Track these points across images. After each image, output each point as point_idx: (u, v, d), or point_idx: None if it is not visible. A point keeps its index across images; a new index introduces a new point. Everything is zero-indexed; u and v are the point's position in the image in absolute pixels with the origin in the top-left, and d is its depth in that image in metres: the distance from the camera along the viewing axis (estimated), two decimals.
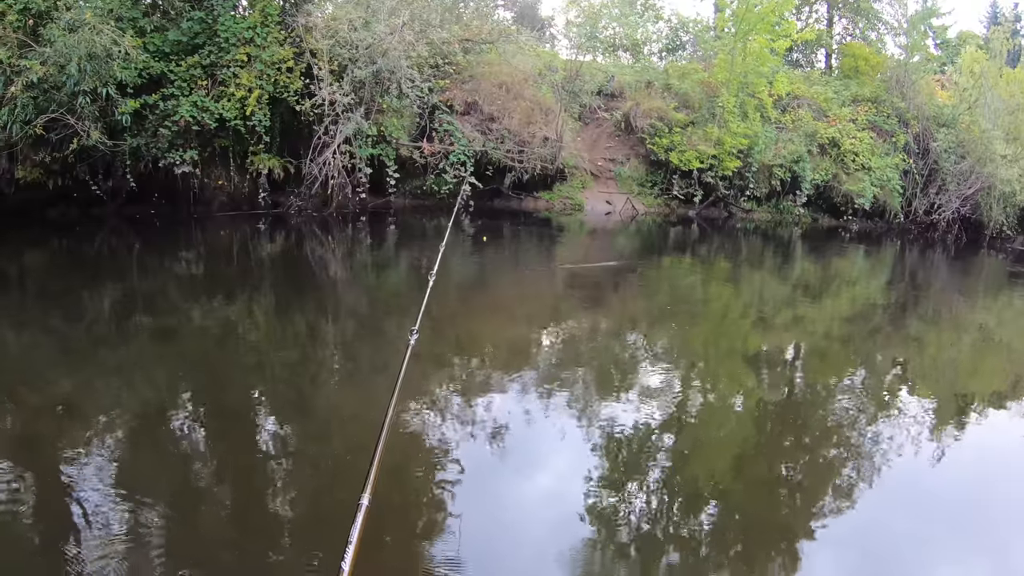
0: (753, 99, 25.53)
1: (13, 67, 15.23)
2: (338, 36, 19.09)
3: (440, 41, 21.68)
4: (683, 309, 13.75)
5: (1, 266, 13.72)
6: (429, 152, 20.95)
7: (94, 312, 11.27)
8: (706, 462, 7.20)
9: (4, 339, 9.82)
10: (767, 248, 22.20)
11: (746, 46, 25.10)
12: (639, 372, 9.85)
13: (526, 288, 14.76)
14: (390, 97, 19.76)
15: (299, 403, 8.03)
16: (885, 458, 7.36)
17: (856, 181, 25.40)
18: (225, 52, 17.95)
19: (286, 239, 18.34)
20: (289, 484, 6.23)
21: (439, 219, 20.97)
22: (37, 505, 5.63)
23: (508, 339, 11.03)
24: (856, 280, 18.24)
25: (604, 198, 24.93)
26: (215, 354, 9.62)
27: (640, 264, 17.85)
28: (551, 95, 24.02)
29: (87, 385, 8.35)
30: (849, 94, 28.25)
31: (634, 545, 5.60)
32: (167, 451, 6.71)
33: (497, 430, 7.39)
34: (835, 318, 13.74)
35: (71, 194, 17.39)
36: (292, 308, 12.05)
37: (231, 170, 19.08)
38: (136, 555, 4.95)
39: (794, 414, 8.74)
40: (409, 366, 4.23)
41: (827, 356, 11.36)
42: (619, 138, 26.05)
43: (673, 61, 31.32)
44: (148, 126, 17.25)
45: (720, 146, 24.13)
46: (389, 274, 14.87)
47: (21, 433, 6.93)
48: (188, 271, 14.58)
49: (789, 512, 6.25)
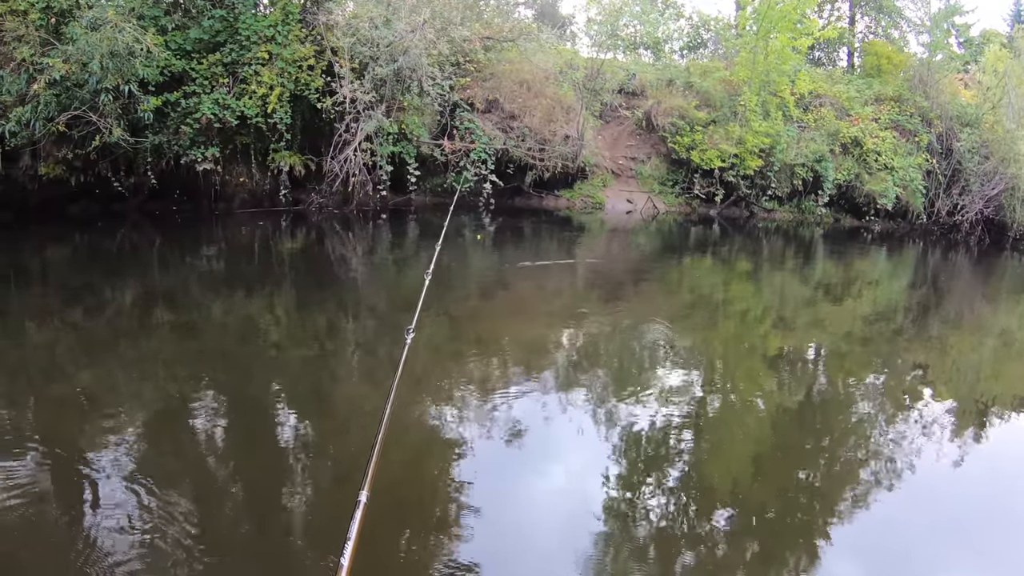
0: (775, 98, 25.39)
1: (36, 65, 15.33)
2: (359, 34, 19.08)
3: (461, 39, 21.67)
4: (703, 308, 13.69)
5: (24, 261, 13.81)
6: (450, 150, 20.94)
7: (115, 307, 11.31)
8: (724, 463, 7.13)
9: (26, 332, 9.85)
10: (788, 248, 22.02)
11: (768, 44, 24.93)
12: (657, 371, 9.78)
13: (543, 285, 14.71)
14: (411, 95, 19.75)
15: (318, 399, 8.02)
16: (905, 462, 7.26)
17: (878, 181, 25.17)
18: (246, 50, 18.01)
19: (307, 236, 18.37)
20: (306, 480, 6.24)
21: (460, 216, 20.97)
22: (56, 494, 5.66)
23: (526, 337, 10.98)
24: (878, 281, 18.08)
25: (625, 197, 24.84)
26: (235, 349, 9.61)
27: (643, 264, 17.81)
28: (572, 93, 23.93)
29: (107, 378, 8.35)
30: (872, 93, 27.95)
31: (650, 545, 5.54)
32: (185, 444, 6.72)
33: (513, 427, 7.35)
34: (856, 319, 13.60)
35: (93, 190, 17.54)
36: (312, 305, 12.04)
37: (252, 167, 19.12)
38: (152, 544, 4.97)
39: (813, 416, 8.66)
40: (422, 361, 4.14)
41: (848, 358, 11.23)
42: (640, 136, 25.94)
43: (694, 59, 31.22)
44: (170, 123, 17.34)
45: (742, 145, 23.98)
46: (408, 272, 14.84)
47: (42, 424, 6.93)
48: (209, 267, 14.63)
49: (807, 514, 6.16)
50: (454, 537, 5.42)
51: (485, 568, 5.07)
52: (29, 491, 5.63)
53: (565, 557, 5.28)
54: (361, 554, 4.96)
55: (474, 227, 19.63)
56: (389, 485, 6.07)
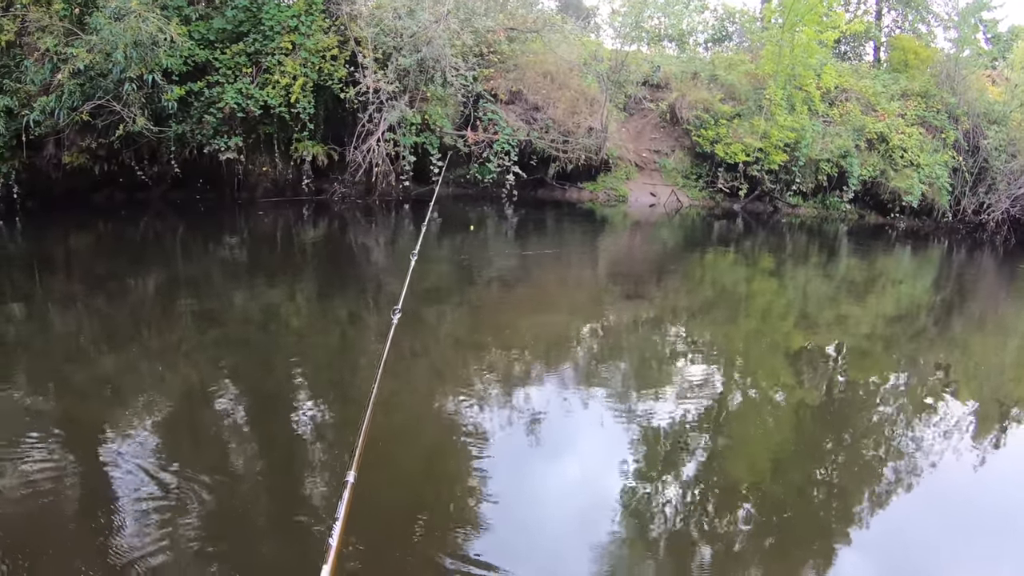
0: (800, 91, 25.12)
1: (60, 55, 15.40)
2: (382, 24, 19.05)
3: (485, 29, 21.62)
4: (725, 304, 13.58)
5: (48, 249, 13.90)
6: (473, 141, 20.84)
7: (138, 294, 11.32)
8: (742, 459, 7.06)
9: (51, 319, 9.91)
10: (812, 244, 21.81)
11: (794, 37, 24.69)
12: (677, 366, 9.72)
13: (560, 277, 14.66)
14: (434, 85, 19.67)
15: (338, 387, 8.00)
16: (924, 463, 7.15)
17: (904, 178, 24.82)
18: (270, 40, 18.00)
19: (329, 225, 18.39)
20: (323, 464, 6.27)
21: (482, 207, 20.95)
22: (79, 479, 5.71)
23: (546, 329, 10.94)
24: (901, 280, 17.85)
25: (648, 190, 24.68)
26: (256, 337, 9.62)
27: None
28: (596, 85, 23.74)
29: (130, 364, 8.37)
30: (898, 88, 27.52)
31: (666, 540, 5.52)
32: (206, 428, 6.77)
33: (531, 418, 7.34)
34: (879, 318, 13.43)
35: (117, 179, 17.65)
36: (334, 294, 12.03)
37: (275, 156, 19.13)
38: (171, 528, 5.00)
39: (833, 414, 8.55)
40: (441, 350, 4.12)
41: (869, 357, 11.08)
42: (664, 129, 25.75)
43: (719, 52, 30.93)
44: (193, 113, 17.35)
45: (766, 139, 23.73)
46: (430, 263, 14.81)
47: (66, 410, 6.96)
48: (231, 256, 14.67)
49: (824, 512, 6.09)
50: (470, 528, 5.42)
51: (502, 557, 5.03)
52: (51, 474, 5.69)
53: (580, 548, 5.28)
54: (377, 543, 4.97)
55: (471, 218, 19.49)
56: (406, 476, 6.09)
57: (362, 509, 5.27)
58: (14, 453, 5.97)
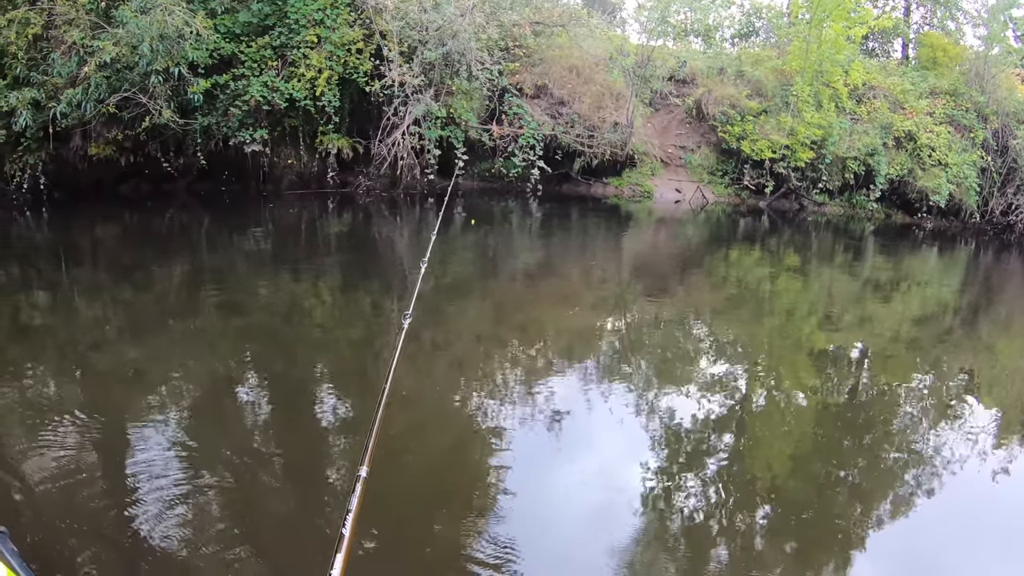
0: (828, 88, 24.89)
1: (86, 48, 15.48)
2: (408, 17, 19.04)
3: (510, 23, 21.61)
4: (749, 302, 13.48)
5: (75, 239, 14.02)
6: (498, 135, 20.82)
7: (163, 284, 11.38)
8: (762, 458, 6.99)
9: (77, 308, 9.98)
10: (838, 243, 21.57)
11: (821, 33, 24.48)
12: (700, 363, 9.66)
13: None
14: (460, 79, 19.66)
15: (360, 380, 7.99)
16: (946, 467, 7.03)
17: (932, 177, 24.46)
18: (295, 33, 18.04)
19: (354, 218, 18.42)
20: (343, 457, 6.26)
21: (507, 201, 20.93)
22: (102, 464, 5.74)
23: (569, 325, 10.90)
24: (928, 281, 17.61)
25: (674, 186, 24.56)
26: (279, 328, 9.63)
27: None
28: (622, 80, 23.63)
29: (154, 353, 8.39)
30: (926, 86, 27.09)
31: (684, 538, 5.48)
32: (228, 418, 6.82)
33: (552, 414, 7.31)
34: (904, 320, 13.26)
35: (142, 171, 17.74)
36: (358, 286, 12.05)
37: (300, 149, 19.20)
38: (190, 514, 5.06)
39: (856, 415, 8.44)
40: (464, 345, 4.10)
41: (893, 358, 10.93)
42: (690, 125, 25.61)
43: (745, 47, 30.78)
44: (219, 105, 17.42)
45: (793, 136, 23.52)
46: (454, 257, 14.79)
47: (90, 397, 6.98)
48: (256, 247, 14.71)
49: (844, 514, 6.01)
50: (489, 522, 5.40)
51: (520, 551, 5.03)
52: (74, 457, 5.76)
53: (598, 544, 5.25)
54: (396, 534, 4.96)
55: (472, 213, 19.43)
56: (429, 469, 6.09)
57: (382, 500, 5.33)
58: (39, 436, 6.03)
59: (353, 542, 2.65)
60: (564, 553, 5.23)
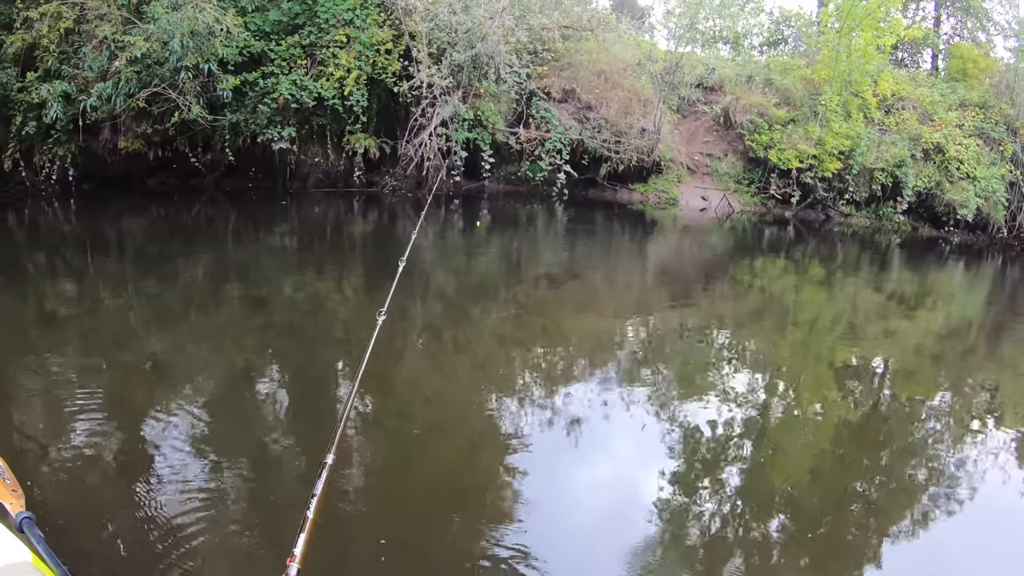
0: (856, 98, 24.73)
1: (117, 43, 15.66)
2: (437, 19, 19.13)
3: (539, 27, 21.62)
4: (772, 312, 13.36)
5: (102, 230, 14.16)
6: (525, 138, 20.82)
7: (188, 278, 11.45)
8: (780, 470, 6.89)
9: (102, 299, 10.05)
10: (864, 255, 21.34)
11: (851, 42, 24.35)
12: (721, 373, 9.56)
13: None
14: (488, 82, 19.69)
15: (382, 379, 7.96)
16: (966, 486, 6.90)
17: (960, 190, 24.20)
18: (325, 33, 18.18)
19: (379, 218, 18.46)
20: (365, 456, 6.23)
21: (532, 205, 20.92)
22: (122, 451, 5.78)
23: (591, 330, 10.86)
24: (953, 296, 17.43)
25: (699, 193, 24.46)
26: (302, 325, 9.64)
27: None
28: (650, 86, 23.60)
29: (177, 346, 8.43)
30: (956, 98, 26.79)
31: (699, 547, 5.41)
32: (248, 414, 6.81)
33: (570, 419, 7.25)
34: (928, 334, 13.08)
35: (170, 165, 17.99)
36: (382, 285, 12.03)
37: (327, 148, 19.33)
38: (208, 509, 5.06)
39: (876, 430, 8.32)
40: (498, 347, 4.12)
41: (916, 373, 10.78)
42: (717, 133, 25.50)
43: (774, 56, 30.67)
44: (248, 102, 17.54)
45: (821, 146, 23.37)
46: (478, 259, 14.78)
47: (113, 388, 7.01)
48: (281, 244, 14.76)
49: (860, 530, 5.93)
50: (504, 524, 5.36)
51: (534, 554, 4.98)
52: (96, 444, 5.82)
53: (612, 549, 5.22)
54: (414, 532, 4.98)
55: (478, 216, 19.43)
56: (445, 470, 6.08)
57: (397, 500, 5.50)
58: (63, 424, 6.09)
59: (316, 523, 2.97)
60: (577, 559, 5.20)
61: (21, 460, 5.37)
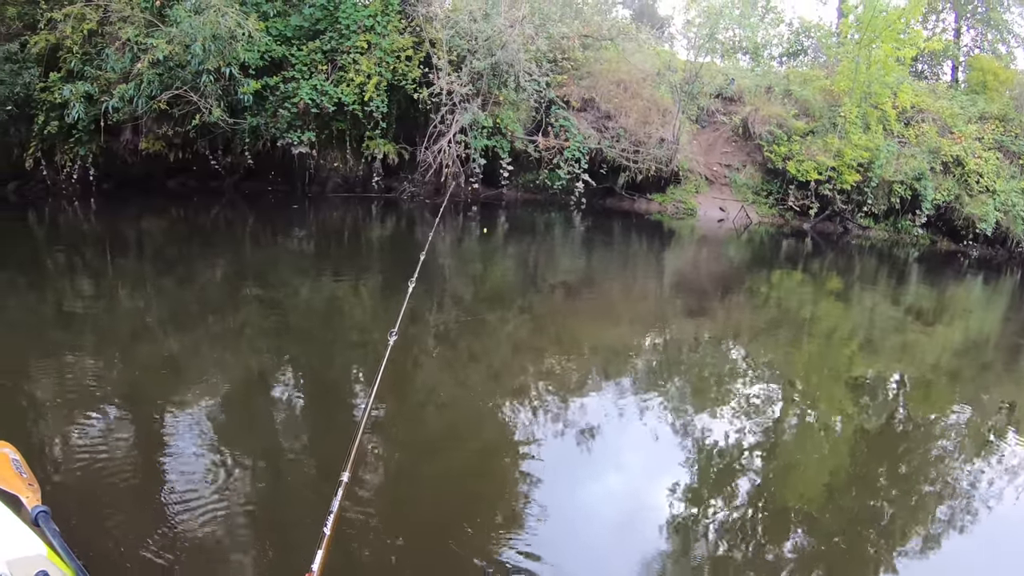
0: (876, 110, 24.61)
1: (140, 45, 15.85)
2: (458, 27, 19.21)
3: (559, 36, 21.69)
4: (788, 325, 13.27)
5: (122, 230, 14.27)
6: (544, 147, 20.82)
7: (205, 279, 11.52)
8: (793, 485, 6.83)
9: (119, 298, 10.11)
10: (881, 269, 21.19)
11: (870, 54, 24.26)
12: (735, 385, 9.51)
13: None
14: (507, 90, 19.75)
15: (398, 385, 7.96)
16: (981, 504, 6.82)
17: (979, 204, 23.99)
18: (345, 39, 18.27)
19: (397, 223, 18.51)
20: (377, 463, 6.22)
21: (550, 214, 20.91)
22: (137, 454, 5.81)
23: (605, 340, 10.85)
24: (971, 311, 17.30)
25: (717, 204, 24.38)
26: (318, 329, 9.66)
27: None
28: (669, 95, 23.56)
29: (192, 346, 8.50)
30: (976, 110, 26.54)
31: (710, 561, 5.36)
32: (260, 416, 6.84)
33: (583, 429, 7.20)
34: (945, 350, 12.96)
35: (190, 167, 18.22)
36: (398, 291, 12.05)
37: (347, 153, 19.39)
38: (222, 514, 5.07)
39: (891, 446, 8.22)
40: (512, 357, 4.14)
41: (932, 389, 10.65)
42: (736, 143, 25.43)
43: (794, 67, 30.59)
44: (268, 106, 17.68)
45: (840, 158, 23.25)
46: (495, 267, 14.80)
47: (129, 387, 7.04)
48: (299, 247, 14.83)
49: (874, 547, 5.86)
50: (516, 533, 5.34)
51: (547, 563, 4.98)
52: (111, 443, 5.86)
53: (622, 561, 5.20)
54: (424, 539, 4.99)
55: (482, 223, 19.42)
56: (461, 476, 6.11)
57: (408, 504, 5.52)
58: (78, 420, 6.12)
59: (333, 540, 3.07)
60: (589, 570, 5.18)
61: (37, 455, 5.42)
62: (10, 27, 16.10)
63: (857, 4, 25.62)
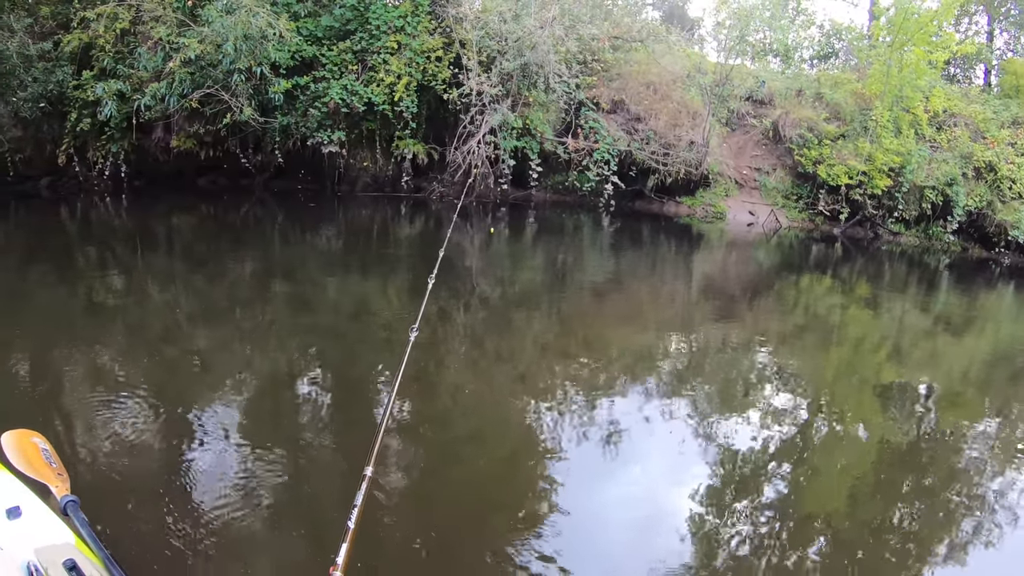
0: (907, 114, 24.34)
1: (172, 44, 16.07)
2: (488, 28, 19.23)
3: (589, 37, 21.65)
4: (815, 331, 13.16)
5: (152, 226, 14.40)
6: (573, 148, 20.80)
7: (235, 276, 11.60)
8: (817, 493, 6.75)
9: (149, 294, 10.16)
10: (911, 275, 20.92)
11: (902, 57, 24.02)
12: (761, 391, 9.44)
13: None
14: (537, 91, 19.75)
15: (424, 384, 7.96)
16: (1011, 518, 6.73)
17: (1012, 211, 23.53)
18: (376, 39, 18.40)
19: (425, 223, 18.52)
20: (400, 462, 6.22)
21: (579, 215, 20.87)
22: (164, 447, 5.84)
23: (632, 344, 10.81)
24: (1002, 319, 17.08)
25: (747, 208, 24.22)
26: (346, 327, 9.69)
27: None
28: (699, 98, 23.44)
29: (220, 343, 8.56)
30: (1009, 115, 26.03)
31: (730, 570, 5.30)
32: (287, 413, 6.84)
33: (607, 432, 7.15)
34: (975, 359, 12.81)
35: (221, 165, 18.41)
36: (425, 290, 12.06)
37: (376, 152, 19.49)
38: (249, 507, 5.11)
39: (918, 456, 8.11)
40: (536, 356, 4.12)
41: (961, 398, 10.47)
42: (766, 147, 25.25)
43: (825, 69, 30.36)
44: (299, 106, 17.80)
45: (871, 162, 23.01)
46: (523, 268, 14.78)
47: (158, 380, 7.06)
48: (328, 246, 14.86)
49: (897, 559, 5.81)
50: (536, 533, 5.32)
51: (566, 566, 4.96)
52: (139, 435, 5.92)
53: (644, 566, 5.17)
54: (447, 536, 4.99)
55: (489, 223, 19.36)
56: (482, 481, 6.12)
57: (430, 502, 5.52)
58: (107, 413, 6.18)
59: (357, 534, 3.12)
60: (609, 573, 5.17)
61: (67, 445, 5.50)
62: (44, 26, 16.33)
63: (889, 6, 25.42)
